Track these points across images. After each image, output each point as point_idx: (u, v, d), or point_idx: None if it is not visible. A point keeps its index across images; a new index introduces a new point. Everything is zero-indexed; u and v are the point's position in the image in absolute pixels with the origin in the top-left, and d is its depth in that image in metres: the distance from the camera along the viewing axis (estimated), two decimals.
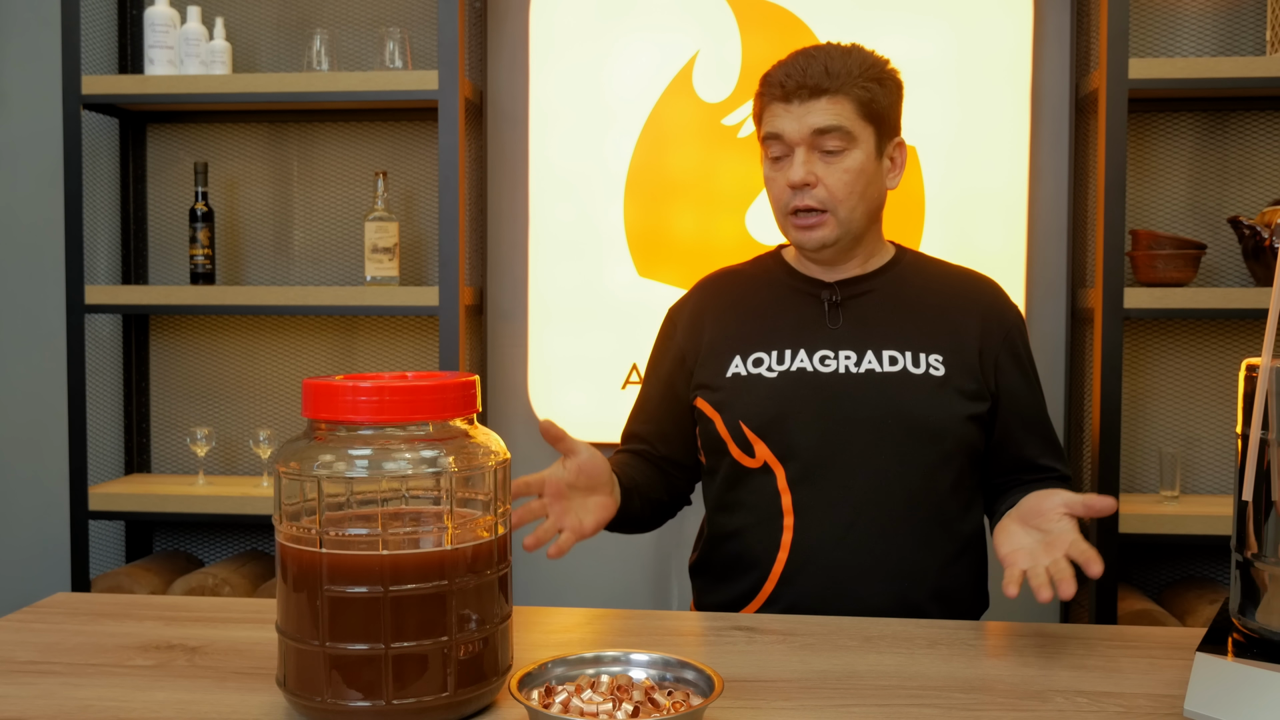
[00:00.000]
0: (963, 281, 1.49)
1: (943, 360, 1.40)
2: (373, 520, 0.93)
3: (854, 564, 1.36)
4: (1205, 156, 2.29)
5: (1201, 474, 2.30)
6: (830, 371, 1.40)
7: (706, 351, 1.47)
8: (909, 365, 1.39)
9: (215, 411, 2.53)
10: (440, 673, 0.91)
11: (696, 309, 1.52)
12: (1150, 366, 2.30)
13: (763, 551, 1.40)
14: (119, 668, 1.08)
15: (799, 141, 1.38)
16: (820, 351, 1.41)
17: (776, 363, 1.42)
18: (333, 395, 0.93)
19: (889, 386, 1.38)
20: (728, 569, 1.45)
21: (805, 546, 1.38)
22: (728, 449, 1.42)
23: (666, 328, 1.55)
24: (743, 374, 1.42)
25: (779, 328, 1.44)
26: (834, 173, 1.38)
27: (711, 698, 0.87)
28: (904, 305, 1.44)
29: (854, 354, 1.41)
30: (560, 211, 2.36)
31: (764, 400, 1.40)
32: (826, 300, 1.45)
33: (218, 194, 2.49)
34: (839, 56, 1.39)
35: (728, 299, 1.51)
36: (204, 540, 2.56)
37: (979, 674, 1.07)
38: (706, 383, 1.45)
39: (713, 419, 1.43)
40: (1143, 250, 2.10)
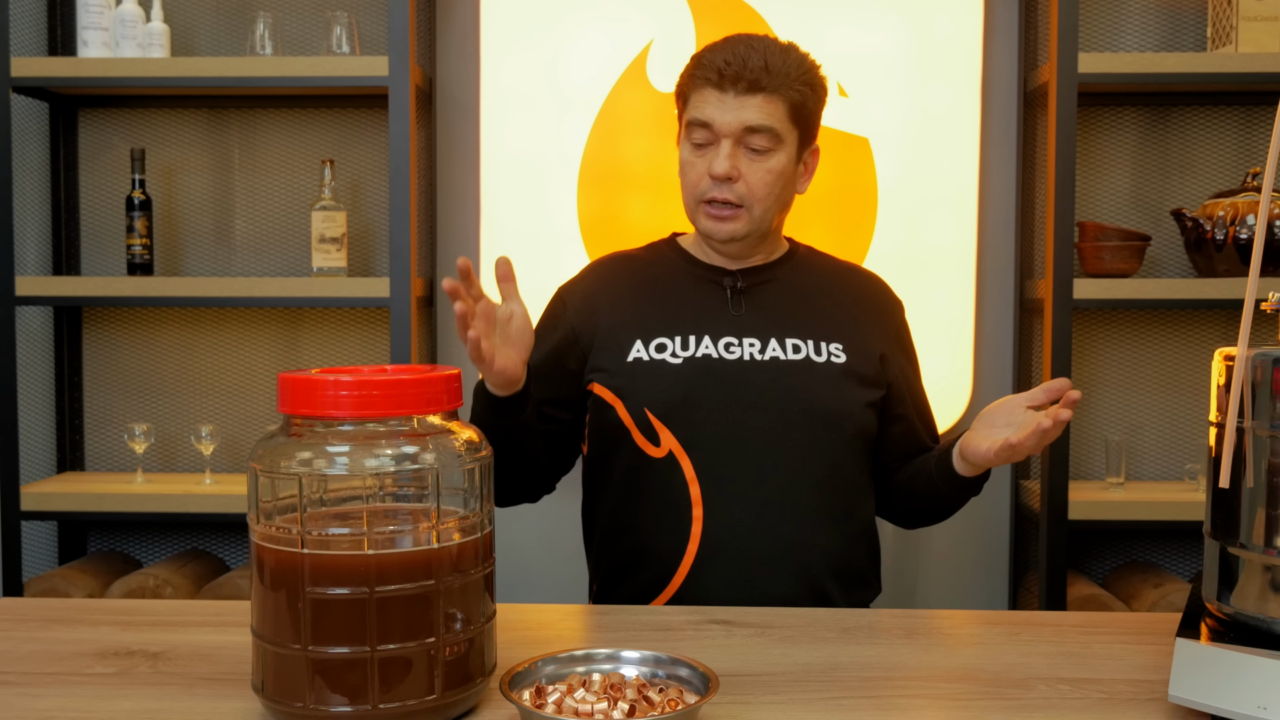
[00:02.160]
0: (853, 275, 1.54)
1: (843, 349, 1.42)
2: (355, 519, 0.90)
3: (763, 552, 1.37)
4: (1148, 150, 2.34)
5: (1145, 461, 2.36)
6: (735, 359, 1.40)
7: (604, 334, 1.43)
8: (811, 354, 1.41)
9: (153, 407, 2.44)
10: (427, 675, 0.89)
11: (590, 290, 1.48)
12: (1094, 356, 2.35)
13: (670, 544, 1.38)
14: (78, 676, 1.03)
15: (727, 134, 1.37)
16: (725, 338, 1.41)
17: (680, 348, 1.40)
18: (312, 390, 0.90)
19: (794, 374, 1.39)
20: (631, 561, 1.42)
21: (715, 537, 1.37)
22: (629, 437, 1.39)
23: (555, 307, 1.49)
24: (645, 359, 1.40)
25: (681, 313, 1.43)
26: (757, 171, 1.38)
27: (709, 695, 0.86)
28: (803, 295, 1.46)
29: (758, 341, 1.41)
30: (513, 201, 2.33)
31: (669, 386, 1.38)
32: (729, 287, 1.44)
33: (154, 182, 2.40)
34: (778, 53, 1.38)
35: (623, 282, 1.48)
36: (141, 540, 2.48)
37: (959, 663, 1.08)
38: (604, 366, 1.41)
39: (613, 404, 1.40)
40: (1090, 242, 2.14)
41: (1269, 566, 0.97)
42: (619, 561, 1.44)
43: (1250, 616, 0.98)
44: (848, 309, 1.47)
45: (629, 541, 1.42)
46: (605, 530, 1.46)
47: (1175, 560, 2.37)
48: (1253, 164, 2.29)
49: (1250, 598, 0.99)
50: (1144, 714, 0.95)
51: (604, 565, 1.46)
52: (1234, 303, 2.10)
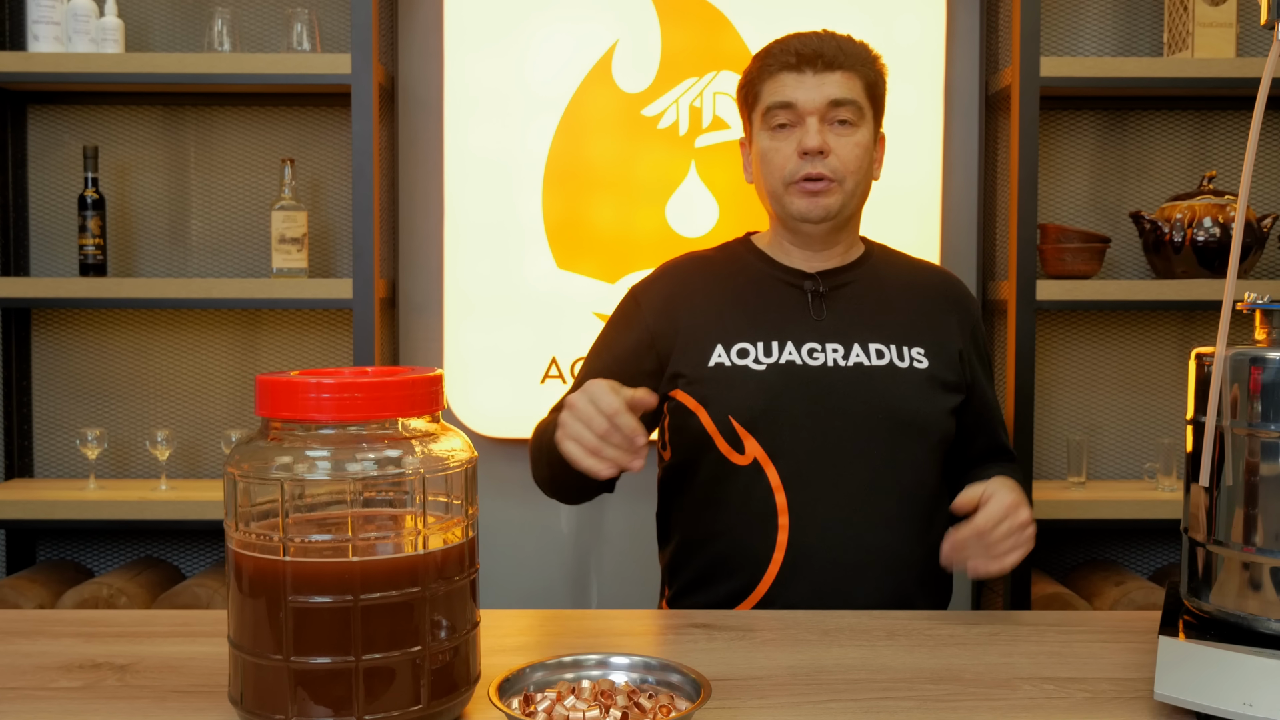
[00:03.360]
0: (932, 276, 1.52)
1: (925, 353, 1.40)
2: (337, 525, 0.88)
3: (849, 561, 1.34)
4: (1105, 154, 2.37)
5: (1104, 460, 2.39)
6: (819, 365, 1.37)
7: (684, 339, 1.40)
8: (895, 359, 1.39)
9: (106, 412, 2.38)
10: (413, 684, 0.86)
11: (667, 292, 1.45)
12: (1054, 356, 2.38)
13: (756, 552, 1.35)
14: (43, 691, 0.99)
15: (813, 111, 1.37)
16: (808, 344, 1.38)
17: (764, 354, 1.37)
18: (293, 392, 0.87)
19: (877, 380, 1.37)
20: (714, 570, 1.39)
21: (801, 545, 1.34)
22: (713, 444, 1.37)
23: (628, 306, 1.47)
24: (727, 364, 1.37)
25: (763, 317, 1.40)
26: (846, 145, 1.37)
27: (700, 701, 0.85)
28: (884, 298, 1.44)
29: (841, 347, 1.39)
30: (477, 202, 2.30)
31: (754, 394, 1.36)
32: (810, 291, 1.42)
33: (107, 181, 2.34)
34: (844, 39, 1.42)
35: (701, 284, 1.45)
36: (93, 548, 2.41)
37: (943, 664, 1.08)
38: (685, 373, 1.39)
39: (695, 412, 1.37)
40: (1051, 244, 2.17)
41: (1247, 564, 0.98)
42: (701, 570, 1.40)
43: (1230, 614, 0.99)
44: (927, 310, 1.45)
45: (712, 550, 1.39)
46: (685, 538, 1.43)
47: (1134, 558, 2.40)
48: (1208, 168, 2.34)
49: (1229, 595, 1.00)
50: (1129, 712, 0.95)
51: (683, 573, 1.43)
52: (1192, 304, 2.14)
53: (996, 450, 1.50)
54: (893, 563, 1.36)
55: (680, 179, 2.30)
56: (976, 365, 1.47)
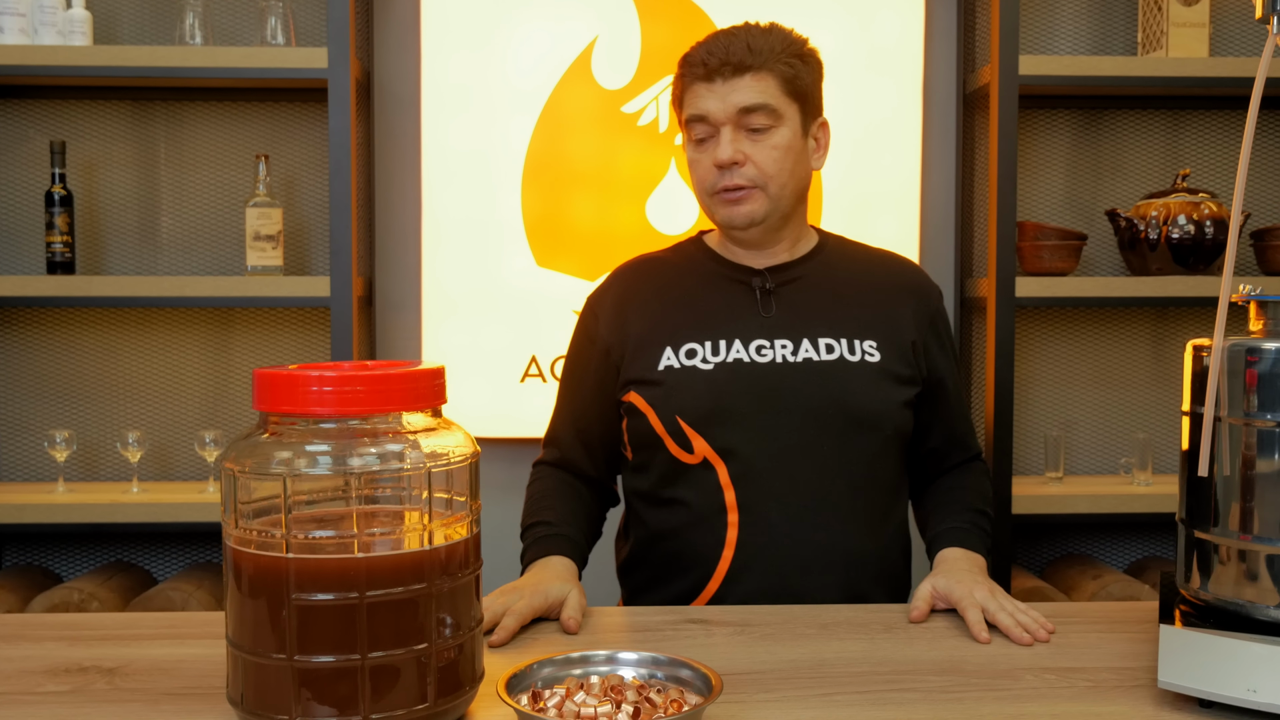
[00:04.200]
0: (887, 265, 1.50)
1: (877, 346, 1.39)
2: (339, 521, 0.86)
3: (800, 557, 1.34)
4: (1080, 152, 2.40)
5: (1080, 456, 2.41)
6: (767, 362, 1.37)
7: (634, 345, 1.41)
8: (845, 353, 1.38)
9: (74, 413, 2.33)
10: (419, 682, 0.85)
11: (618, 299, 1.46)
12: (1031, 353, 2.40)
13: (706, 549, 1.35)
14: (30, 695, 0.96)
15: (725, 120, 1.35)
16: (756, 341, 1.38)
17: (711, 354, 1.37)
18: (293, 386, 0.85)
19: (828, 375, 1.37)
20: (665, 568, 1.39)
21: (751, 543, 1.34)
22: (663, 444, 1.37)
23: (587, 320, 1.48)
24: (676, 366, 1.37)
25: (710, 317, 1.40)
26: (762, 150, 1.35)
27: (713, 696, 0.84)
28: (835, 291, 1.43)
29: (790, 343, 1.38)
30: (455, 199, 2.28)
31: (701, 394, 1.35)
32: (758, 287, 1.41)
33: (73, 177, 2.29)
34: (760, 34, 1.38)
35: (651, 287, 1.45)
36: (61, 553, 2.36)
37: (944, 656, 1.08)
38: (637, 377, 1.39)
39: (645, 413, 1.38)
40: (1029, 241, 2.19)
41: (1244, 552, 0.99)
42: (654, 569, 1.40)
43: (1228, 602, 1.00)
44: (880, 300, 1.43)
45: (665, 549, 1.39)
46: (640, 537, 1.43)
47: (1108, 552, 2.43)
48: (1181, 166, 2.37)
49: (1227, 583, 1.00)
50: (1132, 700, 0.96)
51: (638, 571, 1.43)
52: (1167, 300, 2.17)
53: (956, 444, 1.49)
54: (845, 558, 1.36)
55: (660, 176, 2.29)
56: (936, 355, 1.45)
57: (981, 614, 1.17)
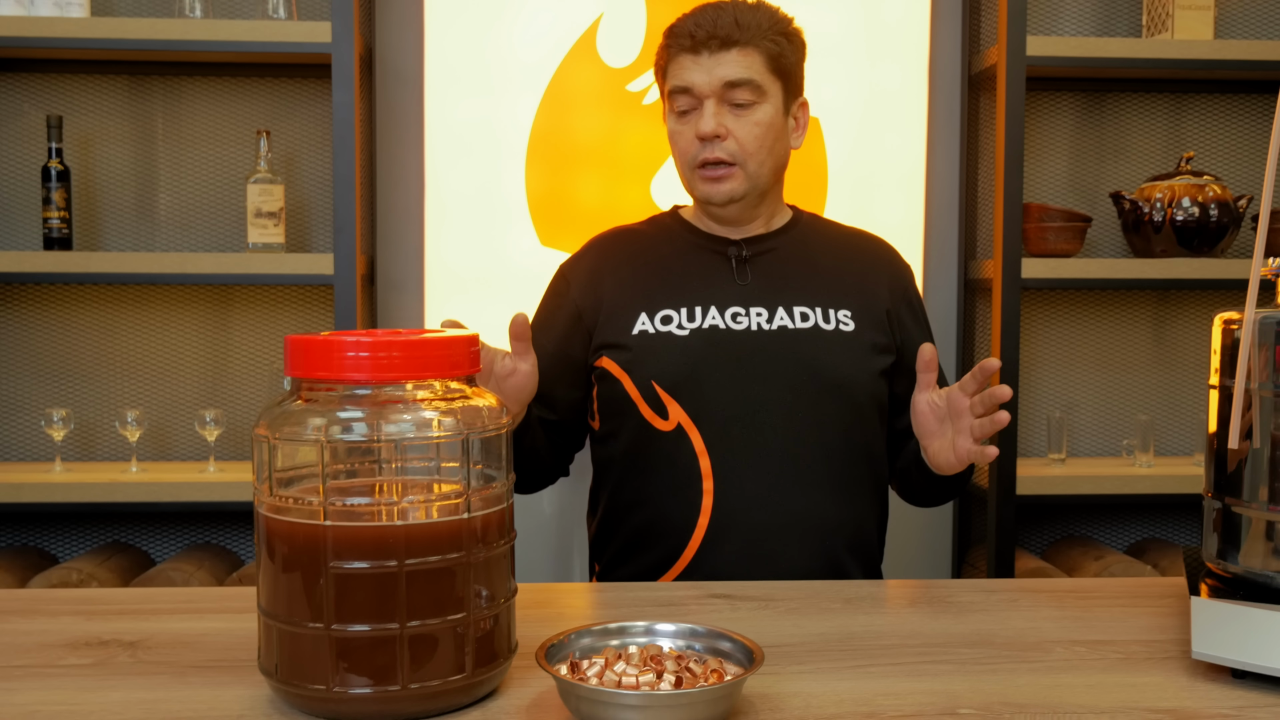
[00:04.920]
0: (860, 241, 1.52)
1: (851, 315, 1.41)
2: (376, 489, 0.85)
3: (775, 525, 1.34)
4: (1084, 135, 2.40)
5: (1082, 438, 2.42)
6: (743, 329, 1.37)
7: (608, 310, 1.40)
8: (820, 321, 1.39)
9: (71, 392, 2.30)
10: (457, 653, 0.84)
11: (593, 266, 1.45)
12: (1034, 335, 2.40)
13: (680, 518, 1.35)
14: (52, 668, 0.95)
15: (709, 94, 1.35)
16: (731, 308, 1.38)
17: (687, 320, 1.37)
18: (329, 351, 0.84)
19: (802, 343, 1.37)
20: (639, 537, 1.39)
21: (726, 511, 1.34)
22: (636, 410, 1.36)
23: (558, 285, 1.47)
24: (651, 331, 1.37)
25: (686, 284, 1.40)
26: (744, 125, 1.36)
27: (755, 666, 0.83)
28: (809, 263, 1.44)
29: (765, 310, 1.39)
30: (458, 177, 2.26)
31: (676, 359, 1.36)
32: (733, 256, 1.42)
33: (69, 153, 2.26)
34: (747, 10, 1.38)
35: (625, 255, 1.45)
36: (58, 534, 2.33)
37: (971, 629, 1.08)
38: (611, 341, 1.39)
39: (619, 378, 1.37)
40: (1034, 223, 2.19)
41: (1275, 524, 0.99)
42: (627, 539, 1.40)
43: (1257, 574, 1.00)
44: (854, 274, 1.45)
45: (638, 518, 1.38)
46: (612, 507, 1.42)
47: (1108, 534, 2.44)
48: (1184, 149, 2.37)
49: (1257, 556, 1.00)
50: (1166, 672, 0.96)
51: (611, 543, 1.42)
52: (1170, 282, 2.17)
53: None
54: (820, 527, 1.36)
55: (665, 155, 2.27)
56: (910, 327, 1.47)
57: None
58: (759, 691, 0.89)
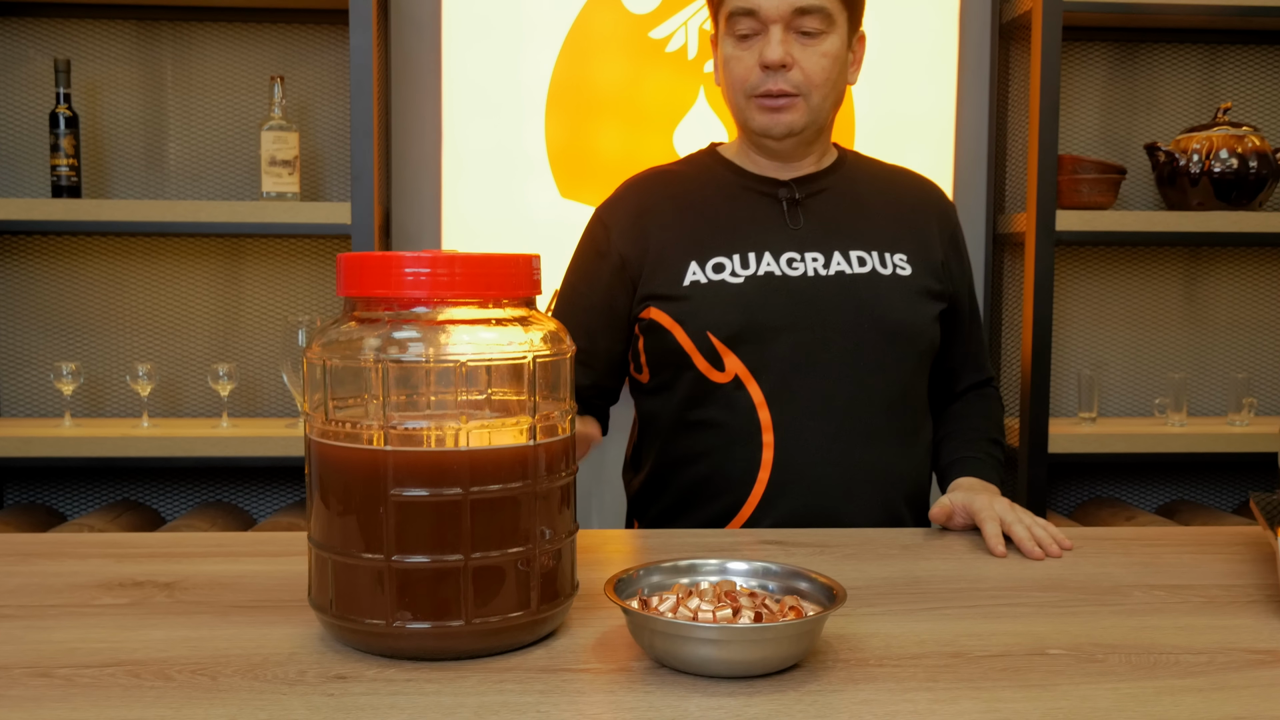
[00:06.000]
0: (906, 180, 1.45)
1: (907, 260, 1.34)
2: (440, 412, 0.80)
3: (838, 479, 1.29)
4: (1116, 86, 2.34)
5: (1111, 396, 2.38)
6: (799, 275, 1.30)
7: (654, 258, 1.32)
8: (877, 266, 1.33)
9: (79, 347, 2.24)
10: (522, 587, 0.79)
11: (634, 211, 1.37)
12: (1062, 292, 2.35)
13: (740, 473, 1.29)
14: (88, 607, 0.90)
15: (776, 19, 1.27)
16: (786, 253, 1.31)
17: (740, 267, 1.30)
18: (386, 268, 0.78)
19: (861, 288, 1.31)
20: (693, 493, 1.33)
21: (787, 464, 1.28)
22: (690, 362, 1.30)
23: (596, 231, 1.38)
24: (703, 281, 1.30)
25: (736, 229, 1.33)
26: (811, 56, 1.28)
27: (837, 604, 0.79)
28: (860, 204, 1.37)
29: (820, 255, 1.32)
30: (476, 127, 2.20)
31: (732, 308, 1.29)
32: (784, 199, 1.34)
33: (77, 100, 2.19)
34: None
35: (668, 200, 1.37)
36: (66, 491, 2.28)
37: (1041, 574, 1.03)
38: (660, 292, 1.31)
39: (670, 330, 1.30)
40: (1067, 174, 2.14)
41: None
42: (679, 495, 1.33)
43: None
44: (906, 216, 1.38)
45: (692, 473, 1.32)
46: (662, 462, 1.35)
47: (1137, 495, 2.40)
48: (1218, 101, 2.32)
49: None
50: (1255, 615, 0.92)
51: (659, 499, 1.36)
52: (1205, 236, 2.13)
53: (971, 365, 1.45)
54: (883, 479, 1.31)
55: (689, 104, 2.22)
56: (956, 271, 1.41)
57: (999, 527, 1.13)
58: (834, 633, 0.85)
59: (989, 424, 1.41)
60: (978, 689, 0.75)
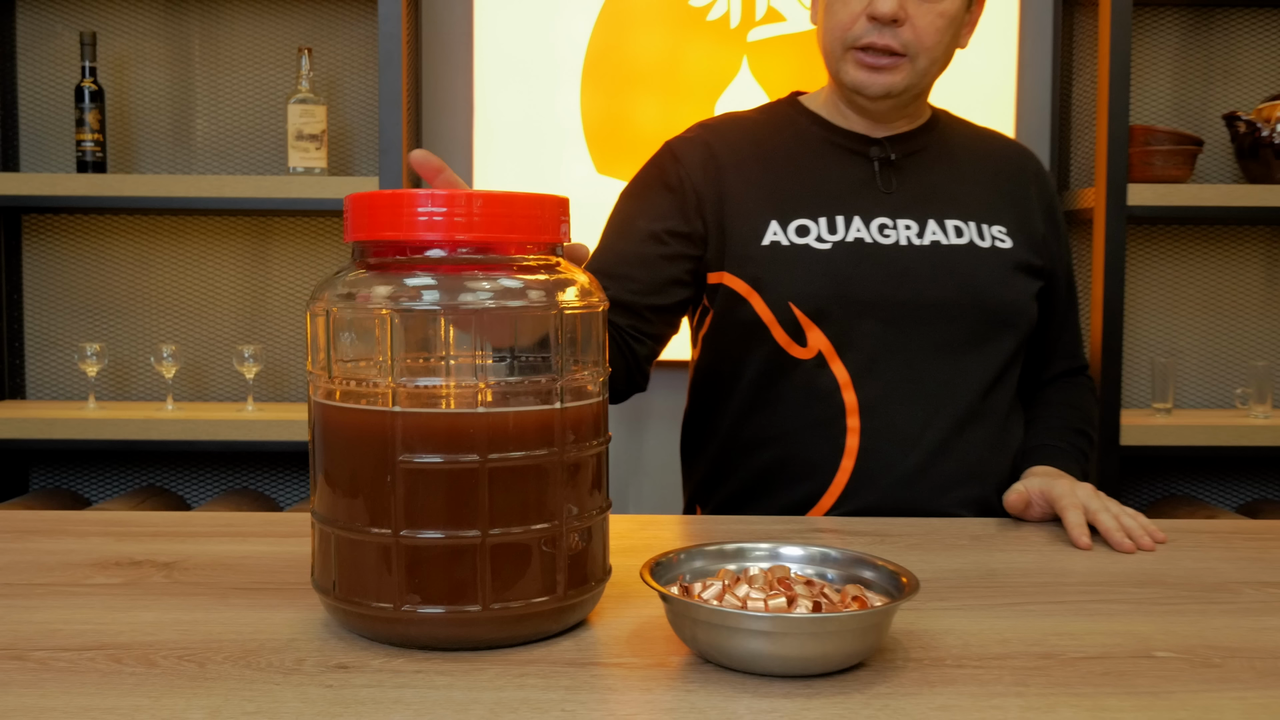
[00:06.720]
0: (1005, 145, 1.33)
1: (1006, 232, 1.22)
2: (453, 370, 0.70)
3: (928, 470, 1.16)
4: (1190, 55, 2.20)
5: (1186, 387, 2.24)
6: (891, 243, 1.18)
7: (732, 209, 1.19)
8: (975, 237, 1.21)
9: (104, 328, 2.19)
10: (547, 569, 0.69)
11: (710, 150, 1.22)
12: (1133, 274, 2.22)
13: (820, 458, 1.17)
14: (77, 587, 0.82)
15: None
16: (877, 219, 1.19)
17: (827, 231, 1.17)
18: (396, 208, 0.69)
19: (958, 262, 1.19)
20: (767, 479, 1.21)
21: (873, 451, 1.16)
22: (769, 335, 1.17)
23: (665, 163, 1.24)
24: (784, 243, 1.17)
25: (823, 189, 1.20)
26: (927, 14, 1.15)
27: (909, 593, 0.68)
28: (956, 168, 1.25)
29: (914, 224, 1.19)
30: (509, 99, 2.11)
31: (817, 277, 1.16)
32: (877, 159, 1.22)
33: (102, 75, 2.13)
34: None
35: (747, 147, 1.23)
36: (91, 475, 2.22)
37: (1134, 568, 0.92)
38: (735, 251, 1.18)
39: (747, 300, 1.17)
40: (1138, 146, 2.00)
41: None
42: (749, 480, 1.22)
43: None
44: (1005, 183, 1.26)
45: (765, 457, 1.20)
46: (731, 444, 1.23)
47: (1214, 493, 2.26)
48: None
49: None
50: None
51: (726, 485, 1.24)
52: None
53: (1062, 352, 1.32)
54: (977, 471, 1.18)
55: (731, 76, 2.12)
56: (1054, 248, 1.29)
57: (1083, 515, 1.01)
58: (903, 628, 0.75)
59: (1076, 414, 1.28)
60: (1077, 695, 0.64)
